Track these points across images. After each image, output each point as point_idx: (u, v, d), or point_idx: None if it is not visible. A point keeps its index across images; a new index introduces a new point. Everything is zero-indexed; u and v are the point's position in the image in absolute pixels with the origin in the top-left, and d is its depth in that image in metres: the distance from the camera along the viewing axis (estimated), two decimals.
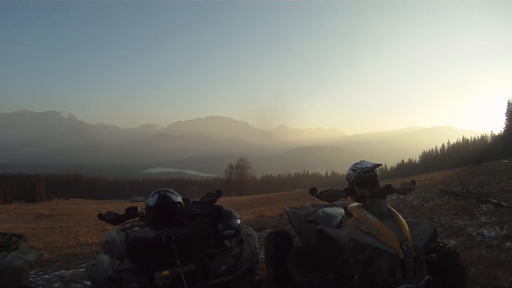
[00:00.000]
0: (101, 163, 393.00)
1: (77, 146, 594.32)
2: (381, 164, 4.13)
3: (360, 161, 4.29)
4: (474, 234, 7.30)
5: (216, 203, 4.09)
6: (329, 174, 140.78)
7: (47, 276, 7.35)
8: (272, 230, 8.91)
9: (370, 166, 4.10)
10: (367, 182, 4.10)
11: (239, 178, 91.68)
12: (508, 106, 67.45)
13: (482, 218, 8.63)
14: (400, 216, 3.92)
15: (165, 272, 3.19)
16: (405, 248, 3.48)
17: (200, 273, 3.34)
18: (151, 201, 3.87)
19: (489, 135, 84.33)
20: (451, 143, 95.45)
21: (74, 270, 7.75)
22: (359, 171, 4.12)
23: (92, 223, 23.23)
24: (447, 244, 4.12)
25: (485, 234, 7.21)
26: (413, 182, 4.65)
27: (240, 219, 3.97)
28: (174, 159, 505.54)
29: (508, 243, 6.48)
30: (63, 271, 7.81)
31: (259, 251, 6.89)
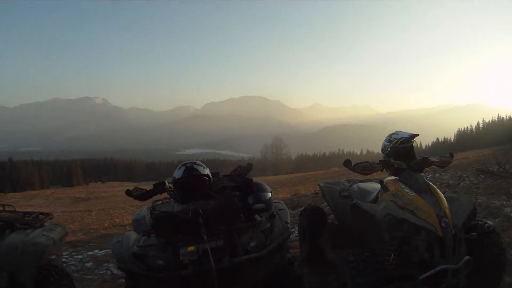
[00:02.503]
0: (136, 147, 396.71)
1: (112, 131, 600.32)
2: (417, 135, 3.91)
3: (396, 131, 4.11)
4: (511, 215, 7.11)
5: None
6: (364, 152, 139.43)
7: (80, 256, 7.54)
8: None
9: (407, 136, 3.90)
10: (403, 154, 3.92)
11: (274, 158, 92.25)
12: None
13: None
14: (438, 190, 3.72)
15: (191, 248, 3.08)
16: (443, 225, 3.31)
17: (228, 249, 3.20)
18: (177, 173, 3.79)
19: None
20: (486, 122, 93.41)
21: (107, 250, 7.85)
22: (395, 142, 3.95)
23: (128, 204, 23.59)
24: (486, 223, 3.87)
25: None
26: (451, 155, 4.44)
27: (271, 192, 3.78)
28: (208, 140, 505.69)
29: None
30: (96, 251, 7.99)
31: (292, 229, 6.81)
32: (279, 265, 3.57)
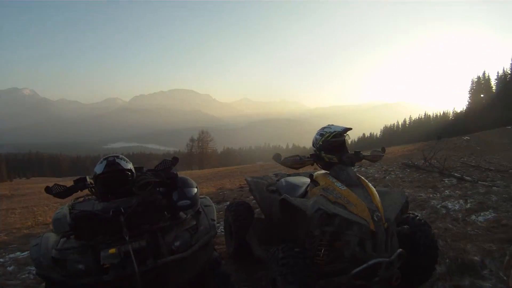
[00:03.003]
0: (63, 140, 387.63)
1: (39, 123, 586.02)
2: (351, 128, 3.87)
3: (329, 125, 4.02)
4: (438, 207, 7.46)
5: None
6: (290, 146, 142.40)
7: (1, 260, 7.05)
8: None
9: (339, 130, 3.83)
10: (335, 148, 3.86)
11: (200, 151, 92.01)
12: (471, 84, 70.23)
13: (446, 191, 8.89)
14: (370, 184, 3.68)
15: (112, 250, 2.80)
16: (376, 219, 3.26)
17: (151, 250, 2.95)
18: (99, 168, 3.45)
19: (451, 112, 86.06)
20: (413, 119, 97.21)
21: (28, 251, 7.45)
22: (327, 135, 3.86)
23: (52, 201, 22.79)
24: (418, 215, 3.94)
25: (450, 207, 7.38)
26: (383, 149, 4.44)
27: (197, 187, 3.56)
28: (136, 134, 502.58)
29: (473, 217, 6.64)
30: (18, 253, 7.51)
31: (218, 224, 6.67)
32: (205, 265, 3.40)
